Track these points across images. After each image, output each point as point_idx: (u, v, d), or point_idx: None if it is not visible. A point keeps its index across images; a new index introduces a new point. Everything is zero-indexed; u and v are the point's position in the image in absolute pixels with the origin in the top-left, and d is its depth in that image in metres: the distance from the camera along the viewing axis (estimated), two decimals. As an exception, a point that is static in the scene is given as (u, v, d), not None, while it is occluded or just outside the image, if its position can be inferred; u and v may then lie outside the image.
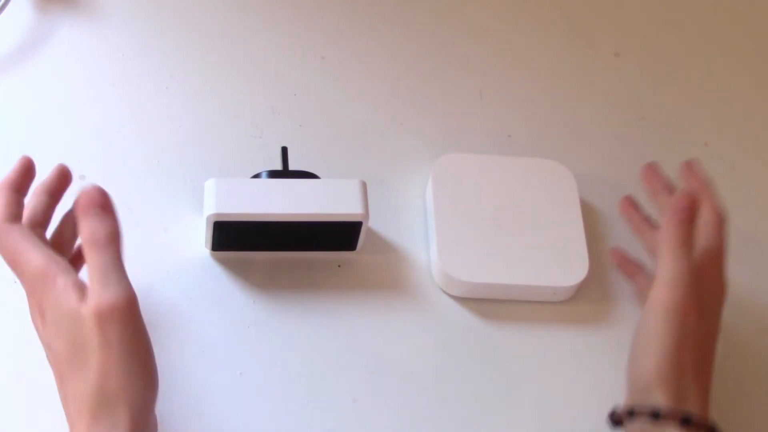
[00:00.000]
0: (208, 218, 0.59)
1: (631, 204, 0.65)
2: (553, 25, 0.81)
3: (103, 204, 0.49)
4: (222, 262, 0.62)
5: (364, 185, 0.60)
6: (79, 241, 0.54)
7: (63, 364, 0.47)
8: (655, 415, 0.51)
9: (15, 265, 0.50)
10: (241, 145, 0.68)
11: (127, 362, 0.46)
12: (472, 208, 0.64)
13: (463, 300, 0.63)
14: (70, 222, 0.54)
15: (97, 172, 0.65)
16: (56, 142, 0.67)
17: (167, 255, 0.62)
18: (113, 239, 0.48)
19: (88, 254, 0.48)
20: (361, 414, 0.57)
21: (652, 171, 0.64)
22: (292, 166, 0.64)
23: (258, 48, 0.75)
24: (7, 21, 0.72)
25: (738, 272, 0.68)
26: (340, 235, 0.61)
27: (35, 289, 0.49)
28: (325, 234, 0.61)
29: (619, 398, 0.57)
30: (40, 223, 0.52)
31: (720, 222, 0.58)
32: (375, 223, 0.65)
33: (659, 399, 0.51)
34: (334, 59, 0.75)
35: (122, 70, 0.71)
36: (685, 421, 0.51)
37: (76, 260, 0.53)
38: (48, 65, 0.71)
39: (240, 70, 0.73)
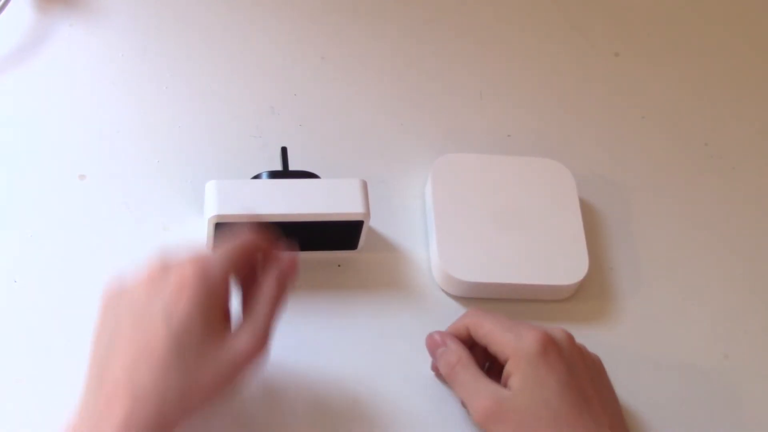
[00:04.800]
0: (209, 220, 0.59)
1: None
2: (554, 25, 0.81)
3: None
4: (222, 261, 0.62)
5: (364, 184, 0.60)
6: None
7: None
8: None
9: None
10: (241, 145, 0.68)
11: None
12: (472, 208, 0.64)
13: (463, 300, 0.63)
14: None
15: (97, 172, 0.65)
16: (56, 142, 0.67)
17: (167, 255, 0.62)
18: None
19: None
20: (361, 414, 0.57)
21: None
22: (292, 166, 0.64)
23: (258, 48, 0.75)
24: (7, 21, 0.72)
25: (739, 273, 0.68)
26: (341, 234, 0.61)
27: None
28: (326, 234, 0.61)
29: (618, 396, 0.57)
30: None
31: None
32: (375, 222, 0.65)
33: None
34: (334, 59, 0.75)
35: (122, 70, 0.72)
36: None
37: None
38: (48, 65, 0.71)
39: (240, 70, 0.73)
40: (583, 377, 0.54)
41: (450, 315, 0.61)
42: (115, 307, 0.50)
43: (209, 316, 0.49)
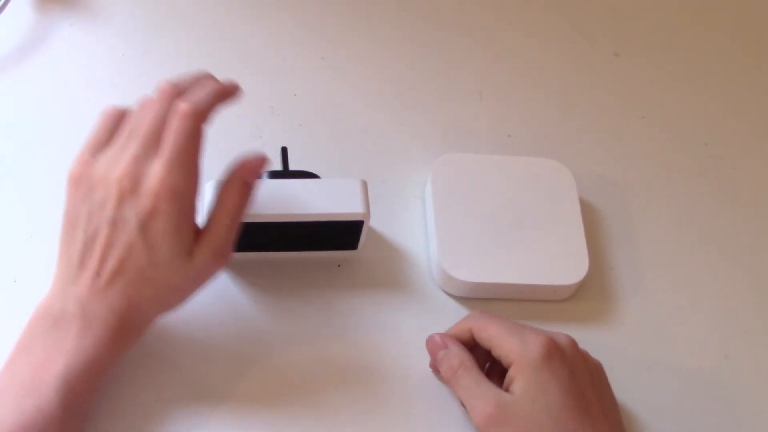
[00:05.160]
0: None
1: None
2: (553, 25, 0.81)
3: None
4: (222, 261, 0.62)
5: (364, 184, 0.60)
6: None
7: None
8: None
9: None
10: (241, 146, 0.68)
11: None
12: (472, 208, 0.65)
13: (463, 300, 0.63)
14: None
15: (97, 172, 0.65)
16: (56, 142, 0.67)
17: (167, 255, 0.62)
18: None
19: None
20: (361, 414, 0.57)
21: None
22: (292, 166, 0.64)
23: (258, 48, 0.75)
24: (7, 21, 0.72)
25: (740, 273, 0.68)
26: (341, 234, 0.61)
27: None
28: (326, 234, 0.61)
29: (618, 396, 0.57)
30: None
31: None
32: (375, 222, 0.65)
33: None
34: (334, 59, 0.75)
35: (122, 70, 0.72)
36: None
37: None
38: (48, 65, 0.71)
39: (240, 70, 0.73)
40: (585, 384, 0.54)
41: (450, 315, 0.61)
42: (87, 199, 0.53)
43: (181, 235, 0.52)
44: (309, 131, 0.70)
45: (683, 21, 0.83)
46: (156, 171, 0.52)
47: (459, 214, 0.64)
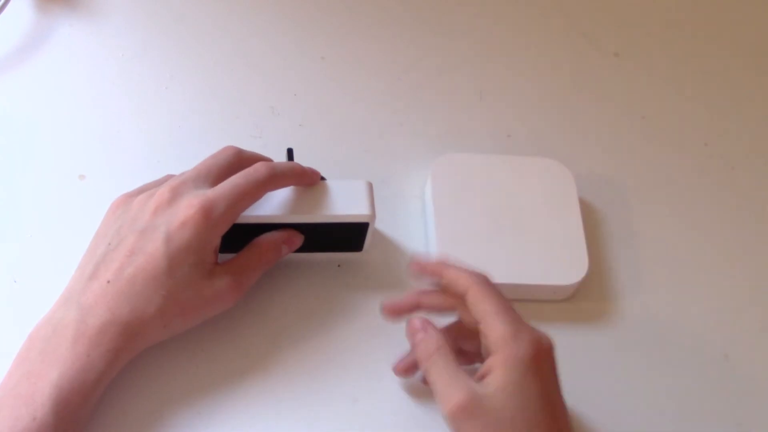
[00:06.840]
0: None
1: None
2: (553, 25, 0.81)
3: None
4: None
5: (370, 186, 0.60)
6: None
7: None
8: None
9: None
10: (241, 145, 0.68)
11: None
12: (472, 208, 0.65)
13: (463, 300, 0.63)
14: None
15: (97, 172, 0.65)
16: (56, 142, 0.67)
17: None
18: None
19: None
20: (361, 414, 0.57)
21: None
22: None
23: (258, 48, 0.75)
24: (7, 21, 0.72)
25: (739, 272, 0.68)
26: (346, 236, 0.61)
27: None
28: (331, 235, 0.61)
29: (618, 396, 0.57)
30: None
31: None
32: (375, 222, 0.65)
33: None
34: (334, 59, 0.75)
35: (122, 70, 0.72)
36: None
37: None
38: (48, 65, 0.71)
39: (240, 70, 0.73)
40: (557, 390, 0.51)
41: (450, 315, 0.61)
42: (120, 217, 0.56)
43: (203, 253, 0.54)
44: (309, 131, 0.70)
45: (683, 21, 0.83)
46: (203, 191, 0.54)
47: (459, 214, 0.64)
